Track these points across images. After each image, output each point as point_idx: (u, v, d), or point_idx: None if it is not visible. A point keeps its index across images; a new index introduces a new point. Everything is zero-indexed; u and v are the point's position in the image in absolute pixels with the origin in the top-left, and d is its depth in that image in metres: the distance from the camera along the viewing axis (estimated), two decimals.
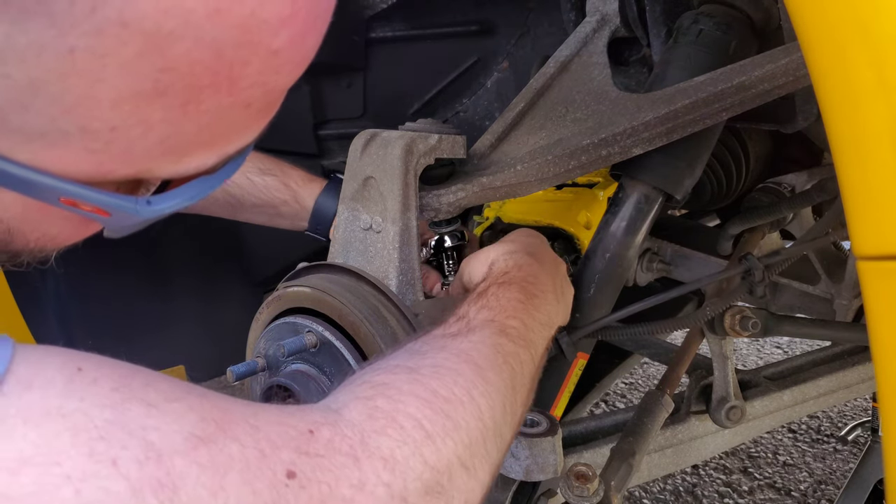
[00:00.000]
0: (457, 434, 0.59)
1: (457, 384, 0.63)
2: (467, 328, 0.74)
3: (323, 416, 0.55)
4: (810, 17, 0.56)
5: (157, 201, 0.52)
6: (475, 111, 1.67)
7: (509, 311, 0.78)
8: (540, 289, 0.86)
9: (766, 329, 1.17)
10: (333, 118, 1.64)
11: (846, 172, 0.57)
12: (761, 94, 0.96)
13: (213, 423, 0.47)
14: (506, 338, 0.74)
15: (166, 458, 0.43)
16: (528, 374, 0.76)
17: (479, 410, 0.63)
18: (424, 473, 0.55)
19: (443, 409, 0.60)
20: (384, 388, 0.60)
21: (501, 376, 0.69)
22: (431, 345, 0.70)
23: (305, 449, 0.50)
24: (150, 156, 0.48)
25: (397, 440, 0.55)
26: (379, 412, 0.57)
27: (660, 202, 1.07)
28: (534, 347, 0.78)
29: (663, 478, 2.45)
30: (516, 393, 0.71)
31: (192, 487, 0.43)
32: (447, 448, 0.58)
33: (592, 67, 1.14)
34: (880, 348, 0.59)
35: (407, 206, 0.91)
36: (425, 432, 0.57)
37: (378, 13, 1.54)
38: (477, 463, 0.61)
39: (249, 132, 0.54)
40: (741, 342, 3.34)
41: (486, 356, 0.69)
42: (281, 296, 0.92)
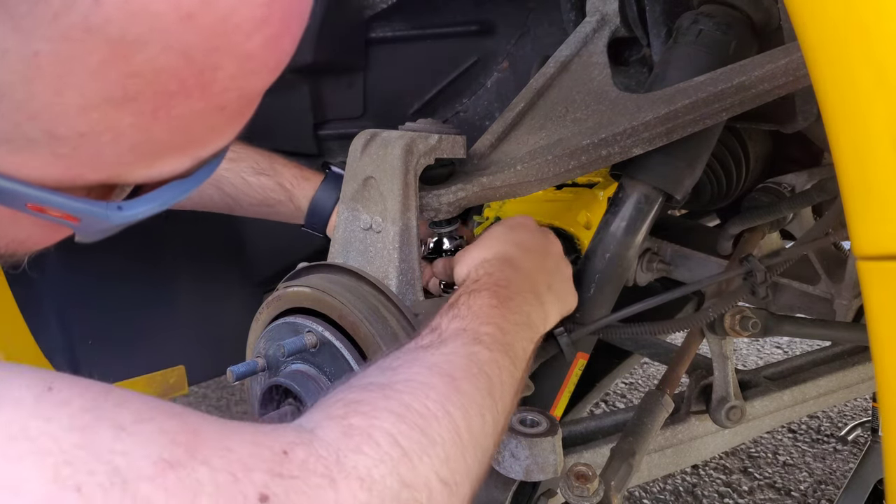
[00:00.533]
0: (433, 450, 0.58)
1: (429, 398, 0.62)
2: (439, 339, 0.73)
3: (297, 436, 0.54)
4: (810, 17, 0.56)
5: (128, 206, 0.51)
6: (475, 111, 1.67)
7: (482, 318, 0.77)
8: (514, 290, 0.84)
9: (766, 329, 1.17)
10: (333, 118, 1.64)
11: (846, 172, 0.57)
12: (761, 94, 0.96)
13: (183, 446, 0.46)
14: (480, 345, 0.73)
15: (132, 483, 0.42)
16: (510, 379, 0.74)
17: (455, 424, 0.62)
18: (402, 493, 0.54)
19: (418, 424, 0.59)
20: (357, 405, 0.59)
21: (477, 386, 0.68)
22: (403, 359, 0.69)
23: (279, 471, 0.49)
24: (120, 161, 0.47)
25: (374, 458, 0.54)
26: (354, 430, 0.56)
27: (660, 202, 1.07)
28: (512, 351, 0.77)
29: (663, 478, 2.45)
30: (495, 401, 0.70)
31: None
32: (424, 465, 0.57)
33: (592, 67, 1.14)
34: (880, 348, 0.59)
35: (407, 206, 0.91)
36: (401, 450, 0.56)
37: (378, 13, 1.54)
38: (458, 478, 0.60)
39: (224, 135, 0.53)
40: (741, 342, 3.34)
41: (459, 367, 0.68)
42: (281, 296, 0.92)
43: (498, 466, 0.89)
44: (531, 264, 0.92)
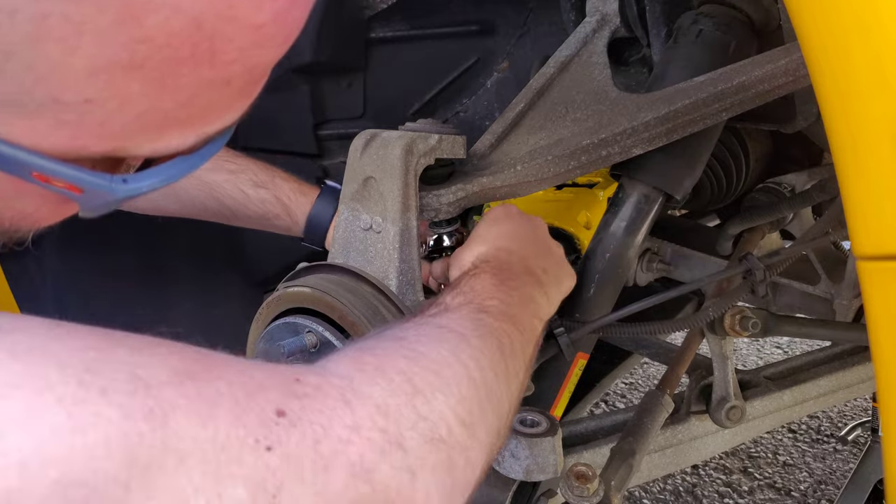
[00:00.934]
0: (447, 389, 0.58)
1: (442, 347, 0.62)
2: (445, 310, 0.73)
3: (309, 367, 0.54)
4: (810, 16, 0.56)
5: (133, 180, 0.51)
6: (475, 111, 1.67)
7: (485, 294, 0.77)
8: (513, 272, 0.85)
9: (766, 329, 1.17)
10: (333, 118, 1.64)
11: (846, 172, 0.57)
12: (761, 94, 0.96)
13: (198, 364, 0.46)
14: (486, 314, 0.73)
15: (155, 389, 0.42)
16: (519, 346, 0.74)
17: (468, 370, 0.62)
18: (419, 423, 0.54)
19: (430, 367, 0.59)
20: (370, 349, 0.59)
21: (488, 343, 0.68)
22: (412, 323, 0.69)
23: (293, 391, 0.49)
24: (126, 131, 0.47)
25: (388, 390, 0.54)
26: (367, 366, 0.56)
27: (660, 202, 1.07)
28: (519, 323, 0.77)
29: (663, 478, 2.45)
30: (506, 361, 0.69)
31: (183, 415, 0.42)
32: (438, 402, 0.57)
33: (592, 67, 1.14)
34: (880, 348, 0.59)
35: (407, 206, 0.91)
36: (414, 387, 0.56)
37: (378, 13, 1.54)
38: (475, 421, 0.59)
39: (230, 112, 0.52)
40: (741, 342, 3.34)
41: (468, 328, 0.68)
42: (281, 296, 0.92)
43: (498, 466, 0.89)
44: (523, 250, 0.92)
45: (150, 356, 0.45)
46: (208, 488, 0.42)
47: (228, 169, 1.19)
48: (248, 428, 0.45)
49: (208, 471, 0.42)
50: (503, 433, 0.67)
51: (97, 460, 0.39)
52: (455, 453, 0.56)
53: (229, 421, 0.44)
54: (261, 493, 0.44)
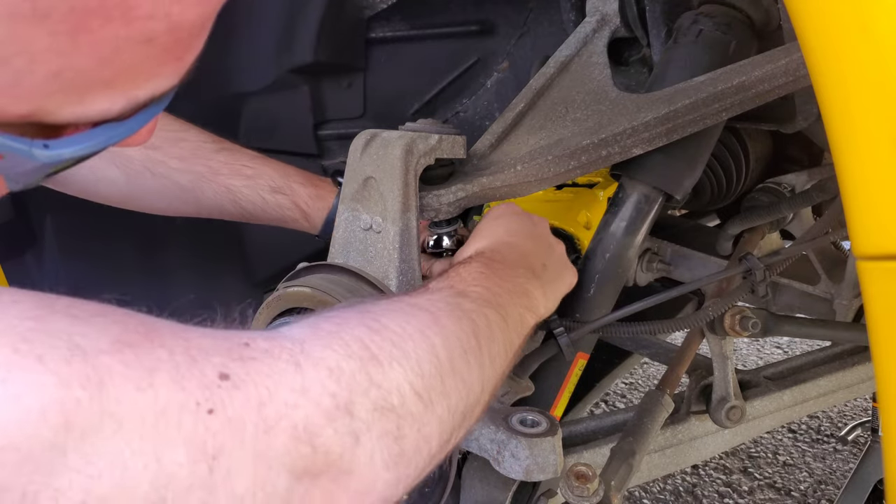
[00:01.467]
0: (406, 362, 0.57)
1: (409, 323, 0.61)
2: (425, 291, 0.72)
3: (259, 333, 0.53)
4: (810, 16, 0.56)
5: (55, 145, 0.49)
6: (475, 111, 1.67)
7: (469, 281, 0.76)
8: (506, 264, 0.84)
9: (766, 329, 1.17)
10: (333, 118, 1.64)
11: (846, 172, 0.57)
12: (761, 94, 0.96)
13: (140, 333, 0.46)
14: (466, 299, 0.72)
15: (92, 356, 0.42)
16: (500, 333, 0.72)
17: (433, 346, 0.60)
18: (371, 390, 0.53)
19: (391, 339, 0.57)
20: (330, 317, 0.58)
21: (460, 325, 0.66)
22: (385, 300, 0.68)
23: (239, 355, 0.48)
24: (42, 91, 0.45)
25: (342, 354, 0.53)
26: (322, 330, 0.54)
27: (660, 202, 1.07)
28: (503, 309, 0.75)
29: (663, 478, 2.45)
30: (480, 345, 0.68)
31: (121, 381, 0.42)
32: (395, 372, 0.55)
33: (592, 67, 1.14)
34: (880, 348, 0.59)
35: (407, 207, 0.91)
36: (370, 353, 0.55)
37: (378, 13, 1.54)
38: (433, 396, 0.58)
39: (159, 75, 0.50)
40: (741, 342, 3.34)
41: (441, 308, 0.67)
42: (281, 296, 0.92)
43: (498, 466, 0.89)
44: (523, 246, 0.91)
45: (90, 325, 0.44)
46: (147, 451, 0.42)
47: (245, 174, 1.19)
48: (188, 391, 0.44)
49: (146, 434, 0.42)
50: (473, 415, 0.66)
51: (31, 425, 0.39)
52: (405, 423, 0.55)
53: (168, 386, 0.44)
54: (200, 454, 0.44)
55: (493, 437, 0.89)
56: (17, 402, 0.39)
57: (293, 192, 1.22)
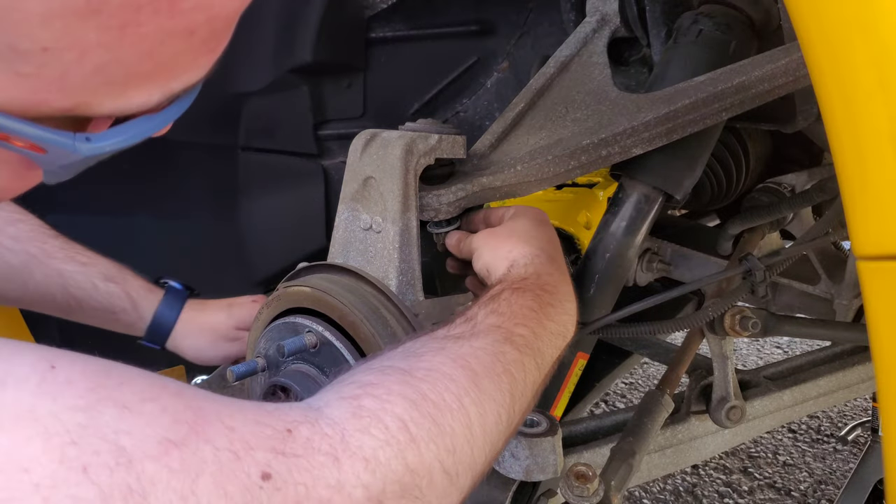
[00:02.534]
0: (441, 440, 0.59)
1: (448, 390, 0.62)
2: (471, 332, 0.72)
3: (303, 414, 0.54)
4: (810, 16, 0.56)
5: (96, 139, 0.49)
6: (475, 111, 1.67)
7: (519, 319, 0.76)
8: (557, 298, 0.84)
9: (766, 329, 1.17)
10: (333, 118, 1.64)
11: (846, 172, 0.57)
12: (761, 94, 0.96)
13: (187, 424, 0.46)
14: (510, 345, 0.73)
15: (137, 463, 0.43)
16: (532, 383, 0.74)
17: (469, 419, 0.62)
18: (405, 477, 0.55)
19: (430, 413, 0.59)
20: (372, 387, 0.59)
21: (499, 385, 0.68)
22: (429, 346, 0.68)
23: (282, 449, 0.49)
24: (87, 86, 0.46)
25: (381, 440, 0.54)
26: (364, 411, 0.56)
27: (660, 202, 1.07)
28: (541, 356, 0.77)
29: (663, 478, 2.45)
30: (514, 402, 0.70)
31: (163, 492, 0.43)
32: (430, 452, 0.57)
33: (592, 67, 1.14)
34: (880, 348, 0.59)
35: (407, 206, 0.91)
36: (410, 435, 0.56)
37: (378, 13, 1.54)
38: (460, 470, 0.60)
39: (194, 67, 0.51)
40: (741, 342, 3.34)
41: (484, 364, 0.68)
42: (281, 296, 0.92)
43: (498, 466, 0.89)
44: (563, 266, 0.91)
45: (138, 417, 0.45)
46: None
47: (80, 261, 1.19)
48: (230, 497, 0.45)
49: None
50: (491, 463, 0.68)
51: None
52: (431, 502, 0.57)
53: (211, 491, 0.45)
54: None
55: None
56: None
57: (125, 281, 1.21)
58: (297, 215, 1.67)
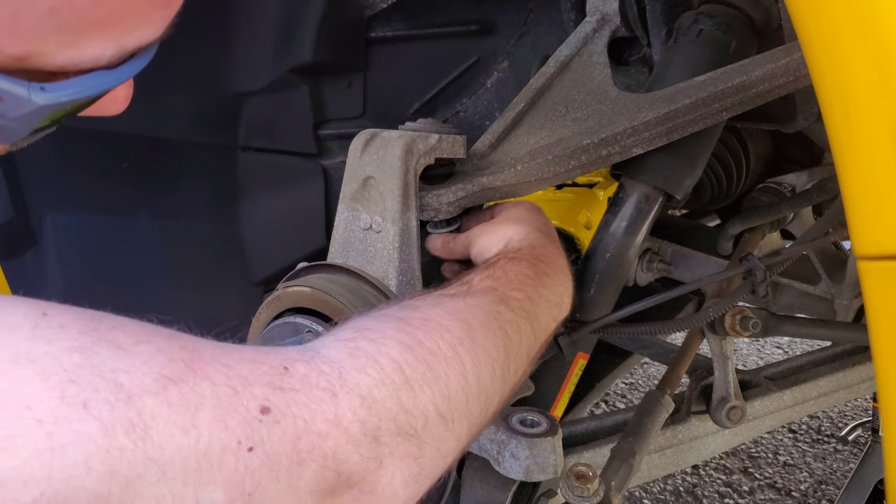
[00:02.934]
0: (436, 384, 0.59)
1: (443, 339, 0.63)
2: (467, 292, 0.73)
3: (299, 353, 0.54)
4: (810, 16, 0.56)
5: (51, 88, 0.50)
6: (475, 111, 1.67)
7: (514, 284, 0.77)
8: (552, 268, 0.85)
9: (766, 329, 1.17)
10: (333, 118, 1.64)
11: (846, 172, 0.57)
12: (761, 93, 0.96)
13: (183, 363, 0.47)
14: (505, 306, 0.73)
15: (136, 398, 0.43)
16: (527, 345, 0.75)
17: (463, 367, 0.63)
18: (400, 415, 0.55)
19: (425, 358, 0.60)
20: (368, 331, 0.60)
21: (493, 340, 0.68)
22: (426, 301, 0.69)
23: (279, 384, 0.49)
24: (40, 30, 0.47)
25: (376, 379, 0.55)
26: (360, 352, 0.56)
27: (660, 202, 1.07)
28: (536, 321, 0.77)
29: (663, 478, 2.45)
30: (509, 358, 0.70)
31: (163, 426, 0.43)
32: (424, 395, 0.58)
33: (592, 67, 1.14)
34: (880, 348, 0.58)
35: (407, 206, 0.91)
36: (404, 376, 0.57)
37: (378, 13, 1.54)
38: (456, 416, 0.61)
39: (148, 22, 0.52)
40: (741, 342, 3.34)
41: (479, 318, 0.68)
42: (281, 296, 0.92)
43: (498, 467, 0.89)
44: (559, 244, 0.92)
45: (134, 356, 0.45)
46: (188, 496, 0.43)
47: None
48: (231, 430, 0.46)
49: (189, 478, 0.43)
50: (486, 425, 0.69)
51: (77, 478, 0.40)
52: (427, 445, 0.58)
53: (212, 424, 0.45)
54: (238, 493, 0.45)
55: (493, 437, 0.89)
56: (63, 454, 0.40)
57: None
58: (297, 215, 1.67)
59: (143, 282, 1.66)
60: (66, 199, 1.56)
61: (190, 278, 1.70)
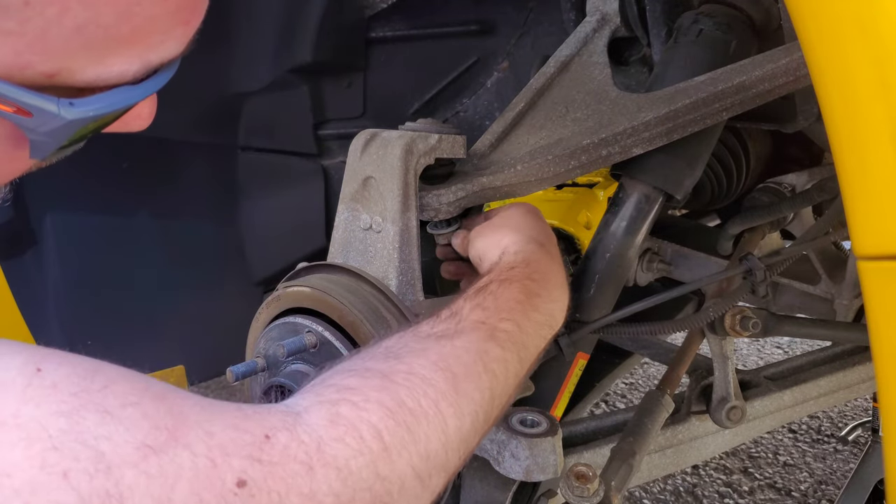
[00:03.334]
0: (415, 447, 0.60)
1: (426, 395, 0.63)
2: (455, 329, 0.73)
3: (282, 420, 0.54)
4: (810, 16, 0.56)
5: (80, 104, 0.52)
6: (475, 111, 1.67)
7: (504, 313, 0.77)
8: (545, 287, 0.84)
9: (766, 329, 1.17)
10: (333, 118, 1.64)
11: (846, 172, 0.57)
12: (761, 93, 0.96)
13: (167, 430, 0.47)
14: (494, 342, 0.73)
15: (115, 469, 0.44)
16: (514, 378, 0.75)
17: (444, 423, 0.63)
18: (375, 485, 0.56)
19: (406, 421, 0.60)
20: (350, 392, 0.60)
21: (479, 385, 0.69)
22: (411, 346, 0.69)
23: (259, 456, 0.50)
24: (68, 48, 0.48)
25: (355, 450, 0.55)
26: (341, 419, 0.57)
27: (660, 202, 1.07)
28: (525, 350, 0.77)
29: (663, 478, 2.45)
30: (494, 399, 0.71)
31: (140, 498, 0.44)
32: (402, 460, 0.58)
33: (592, 67, 1.14)
34: (880, 348, 0.58)
35: (407, 206, 0.91)
36: (383, 444, 0.57)
37: (378, 13, 1.54)
38: (433, 472, 0.61)
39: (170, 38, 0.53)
40: (741, 342, 3.33)
41: (465, 364, 0.69)
42: (281, 296, 0.92)
43: (498, 467, 0.89)
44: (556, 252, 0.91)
45: (119, 423, 0.46)
46: None
47: None
48: None
49: None
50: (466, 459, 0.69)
51: None
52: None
53: (187, 497, 0.46)
54: None
55: (493, 437, 0.89)
56: None
57: None
58: (297, 215, 1.67)
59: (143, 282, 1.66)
60: (66, 199, 1.56)
61: (190, 278, 1.70)
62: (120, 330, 1.62)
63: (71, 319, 1.59)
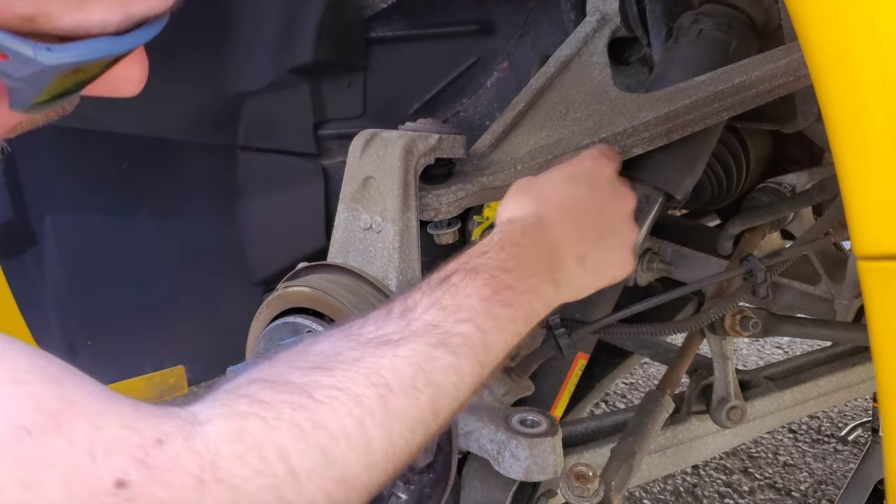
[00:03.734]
0: (329, 471, 0.54)
1: (350, 415, 0.57)
2: (402, 334, 0.65)
3: (180, 426, 0.50)
4: (811, 16, 0.56)
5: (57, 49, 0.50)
6: (475, 111, 1.67)
7: (463, 313, 0.68)
8: (518, 276, 0.73)
9: (766, 329, 1.17)
10: (333, 118, 1.64)
11: (846, 172, 0.57)
12: (761, 93, 0.96)
13: (48, 414, 0.44)
14: (444, 349, 0.65)
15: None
16: (469, 384, 0.67)
17: (369, 444, 0.57)
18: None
19: (320, 444, 0.54)
20: (262, 408, 0.54)
21: (416, 402, 0.62)
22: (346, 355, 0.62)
23: (145, 459, 0.46)
24: None
25: (255, 470, 0.50)
26: (246, 436, 0.52)
27: (660, 202, 1.07)
28: (486, 352, 0.69)
29: (663, 478, 2.45)
30: (435, 414, 0.64)
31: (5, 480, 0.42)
32: (312, 484, 0.53)
33: (592, 67, 1.14)
34: (880, 348, 0.58)
35: (407, 206, 0.91)
36: (289, 467, 0.52)
37: (378, 13, 1.54)
38: (353, 495, 0.57)
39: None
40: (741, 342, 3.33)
41: (403, 378, 0.61)
42: (281, 296, 0.92)
43: (498, 467, 0.89)
44: (570, 231, 0.80)
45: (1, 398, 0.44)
46: None
47: None
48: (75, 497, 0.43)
49: None
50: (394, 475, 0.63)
51: None
52: None
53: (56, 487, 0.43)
54: None
55: (493, 437, 0.89)
56: None
57: None
58: (297, 215, 1.67)
59: (142, 282, 1.66)
60: (66, 199, 1.56)
61: (190, 278, 1.70)
62: (120, 330, 1.62)
63: (71, 319, 1.59)
